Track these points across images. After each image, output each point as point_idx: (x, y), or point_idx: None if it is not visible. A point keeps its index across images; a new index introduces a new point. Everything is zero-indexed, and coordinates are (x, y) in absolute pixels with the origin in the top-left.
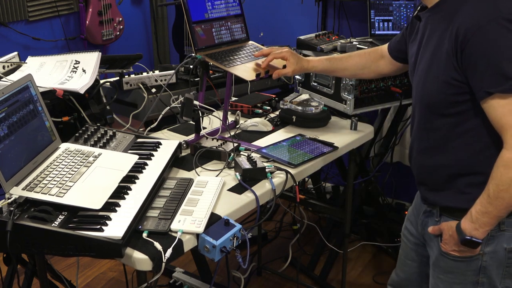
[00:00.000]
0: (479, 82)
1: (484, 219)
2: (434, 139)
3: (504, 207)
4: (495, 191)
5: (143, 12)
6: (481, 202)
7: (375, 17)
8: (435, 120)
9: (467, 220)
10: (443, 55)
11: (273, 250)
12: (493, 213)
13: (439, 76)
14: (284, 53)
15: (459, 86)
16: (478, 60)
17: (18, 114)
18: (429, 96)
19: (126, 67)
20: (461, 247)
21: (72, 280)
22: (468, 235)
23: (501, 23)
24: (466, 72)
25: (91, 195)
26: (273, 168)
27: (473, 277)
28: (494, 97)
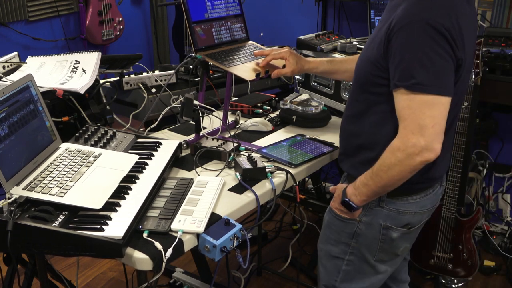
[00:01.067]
0: (393, 73)
1: (363, 189)
2: (356, 109)
3: (381, 185)
4: (377, 169)
5: (143, 12)
6: (365, 175)
7: (375, 17)
8: (361, 95)
9: (351, 186)
10: (378, 39)
11: (273, 250)
12: (371, 187)
13: (371, 56)
14: (283, 53)
15: (382, 71)
16: (396, 53)
17: (18, 114)
18: (360, 71)
19: (126, 67)
20: (342, 207)
21: (72, 280)
22: (347, 198)
23: (423, 27)
24: (387, 60)
25: (91, 195)
26: (273, 168)
27: (346, 239)
28: (400, 90)
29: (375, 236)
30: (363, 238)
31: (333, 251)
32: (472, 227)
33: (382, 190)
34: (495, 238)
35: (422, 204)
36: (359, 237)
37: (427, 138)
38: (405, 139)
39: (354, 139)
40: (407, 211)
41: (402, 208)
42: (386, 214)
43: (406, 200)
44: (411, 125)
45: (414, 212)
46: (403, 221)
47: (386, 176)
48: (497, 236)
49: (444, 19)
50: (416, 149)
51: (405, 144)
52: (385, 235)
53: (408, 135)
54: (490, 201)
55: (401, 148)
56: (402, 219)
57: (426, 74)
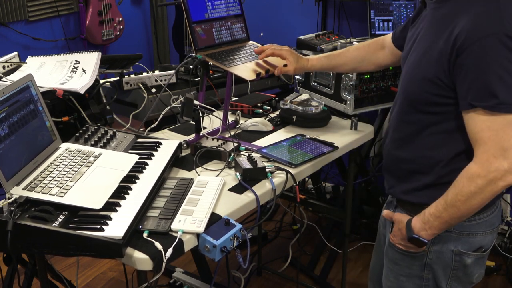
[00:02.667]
0: (465, 92)
1: (435, 223)
2: (408, 132)
3: (457, 216)
4: (453, 200)
5: (143, 12)
6: (437, 206)
7: (375, 17)
8: (413, 115)
9: (418, 219)
10: (436, 54)
11: (273, 250)
12: (445, 219)
13: (427, 73)
14: (283, 51)
15: (444, 89)
16: (470, 70)
17: (18, 114)
18: (412, 90)
19: (126, 67)
20: (407, 243)
21: (72, 280)
22: (416, 234)
23: (502, 39)
24: (455, 78)
25: (91, 195)
26: (274, 168)
27: (419, 272)
28: (477, 111)
29: (448, 264)
30: (435, 267)
31: (407, 286)
32: None
33: (457, 221)
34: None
35: (491, 222)
36: (431, 267)
37: (510, 160)
38: (486, 164)
39: (406, 164)
40: (478, 232)
41: (472, 229)
42: (455, 238)
43: (474, 220)
44: (493, 148)
45: (485, 232)
46: (475, 244)
47: (465, 206)
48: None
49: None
50: (499, 173)
51: (486, 170)
52: (458, 261)
53: (489, 159)
54: None
55: (482, 174)
56: (473, 241)
57: (508, 92)
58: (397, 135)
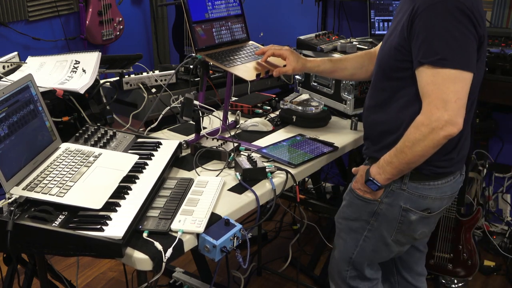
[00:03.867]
0: (416, 52)
1: (387, 168)
2: (380, 98)
3: (405, 162)
4: (402, 146)
5: (143, 12)
6: (390, 153)
7: (375, 17)
8: (383, 82)
9: (375, 166)
10: (400, 26)
11: (273, 250)
12: (395, 164)
13: (393, 42)
14: (283, 51)
15: (405, 54)
16: (420, 33)
17: (18, 114)
18: (383, 59)
19: (126, 67)
20: (365, 187)
21: (72, 280)
22: (372, 177)
23: (447, 6)
24: (411, 42)
25: (91, 195)
26: (273, 168)
27: (367, 217)
28: (424, 67)
29: (395, 217)
30: (383, 217)
31: (353, 226)
32: (472, 227)
33: (406, 167)
34: (495, 238)
35: (442, 190)
36: (379, 216)
37: (450, 112)
38: (429, 114)
39: (379, 126)
40: (428, 195)
41: (424, 192)
42: (407, 197)
43: (427, 185)
44: (435, 100)
45: (434, 197)
46: (423, 205)
47: (411, 152)
48: (497, 236)
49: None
50: (439, 123)
51: (429, 119)
52: (404, 216)
53: (432, 110)
54: (490, 201)
55: (425, 123)
56: (422, 203)
57: (450, 50)
58: (373, 102)
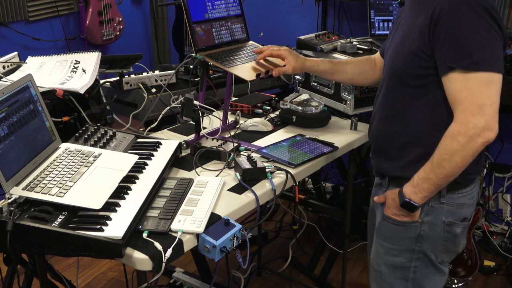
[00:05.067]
0: (443, 57)
1: (424, 185)
2: (396, 108)
3: (444, 175)
4: (438, 160)
5: (143, 12)
6: (424, 169)
7: (375, 17)
8: (399, 90)
9: (409, 185)
10: (416, 30)
11: (273, 250)
12: (433, 180)
13: (410, 48)
14: (282, 51)
15: (426, 60)
16: (446, 36)
17: (18, 114)
18: (398, 66)
19: (126, 67)
20: (401, 211)
21: (72, 280)
22: (407, 198)
23: (473, 7)
24: (434, 46)
25: (91, 195)
26: (273, 168)
27: (410, 245)
28: (454, 72)
29: (440, 234)
30: (427, 239)
31: (397, 262)
32: (472, 227)
33: (445, 181)
34: (495, 238)
35: (472, 195)
36: (423, 239)
37: (486, 117)
38: (465, 122)
39: (398, 138)
40: (464, 204)
41: (460, 201)
42: (447, 210)
43: (462, 193)
44: (470, 106)
45: (469, 204)
46: (462, 214)
47: (449, 164)
48: (497, 236)
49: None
50: (477, 130)
51: (465, 127)
52: (449, 232)
53: (467, 117)
54: (490, 201)
55: (462, 131)
56: (461, 213)
57: (480, 52)
58: (386, 113)
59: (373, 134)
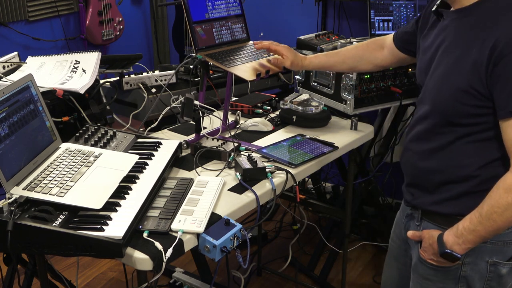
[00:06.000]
0: (505, 101)
1: (469, 237)
2: (438, 143)
3: (494, 229)
4: (489, 212)
5: (143, 12)
6: (471, 219)
7: (375, 17)
8: (444, 127)
9: (451, 233)
10: (468, 64)
11: (273, 250)
12: (481, 233)
13: (459, 84)
14: (280, 47)
15: (479, 99)
16: (509, 78)
17: (18, 114)
18: (443, 102)
19: (126, 67)
20: (440, 258)
21: (72, 280)
22: (449, 249)
23: None
24: (492, 86)
25: (91, 195)
26: (274, 168)
27: (453, 285)
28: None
29: (483, 275)
30: (470, 279)
31: None
32: None
33: (493, 234)
34: None
35: None
36: (465, 280)
37: None
38: None
39: (435, 175)
40: (511, 240)
41: (506, 238)
42: (491, 249)
43: (507, 229)
44: None
45: None
46: (509, 253)
47: (501, 218)
48: None
49: None
50: None
51: None
52: (493, 272)
53: None
54: None
55: None
56: (508, 251)
57: None
58: (425, 147)
59: (408, 166)
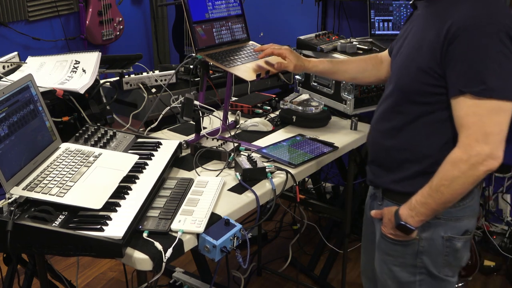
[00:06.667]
0: (455, 79)
1: (421, 209)
2: (399, 122)
3: (442, 202)
4: (437, 185)
5: (143, 12)
6: (422, 193)
7: (375, 17)
8: (406, 105)
9: (405, 207)
10: (427, 45)
11: (273, 250)
12: (431, 205)
13: (419, 64)
14: (283, 50)
15: (436, 78)
16: (460, 58)
17: (18, 114)
18: (405, 81)
19: (126, 67)
20: (397, 231)
21: (72, 280)
22: (403, 221)
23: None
24: (446, 66)
25: (91, 195)
26: (273, 168)
27: (411, 260)
28: (465, 97)
29: (439, 250)
30: (427, 254)
31: (402, 277)
32: None
33: (443, 207)
34: (495, 238)
35: (473, 207)
36: (423, 255)
37: (491, 145)
38: (468, 148)
39: (397, 153)
40: (463, 216)
41: (459, 214)
42: (444, 224)
43: (460, 205)
44: (476, 133)
45: (469, 216)
46: (462, 228)
47: (448, 190)
48: (497, 236)
49: (507, 20)
50: (480, 158)
51: (468, 154)
52: (449, 247)
53: (471, 143)
54: (490, 201)
55: (464, 158)
56: (461, 226)
57: (497, 79)
58: (388, 126)
59: (371, 143)
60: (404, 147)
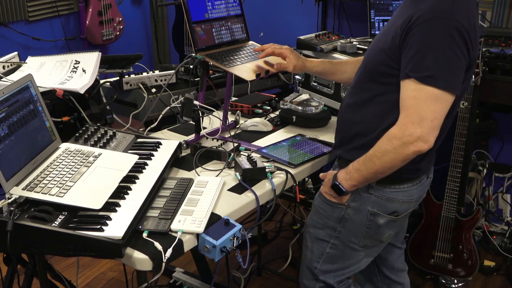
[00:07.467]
0: (405, 64)
1: (355, 175)
2: (360, 98)
3: (373, 171)
4: (371, 155)
5: (143, 12)
6: (358, 161)
7: (375, 17)
8: (367, 83)
9: (343, 171)
10: (393, 31)
11: (273, 250)
12: (363, 173)
13: (383, 46)
14: (283, 50)
15: (394, 61)
16: (413, 45)
17: (18, 114)
18: (370, 61)
19: (126, 67)
20: (331, 192)
21: (72, 280)
22: (338, 182)
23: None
24: (402, 51)
25: (91, 195)
26: (273, 168)
27: (333, 223)
28: (409, 80)
29: (362, 221)
30: (350, 223)
31: (319, 234)
32: (472, 227)
33: (373, 176)
34: (495, 238)
35: (409, 194)
36: (346, 222)
37: (424, 129)
38: (403, 127)
39: (353, 127)
40: (395, 199)
41: (390, 195)
42: (374, 200)
43: (394, 188)
44: (412, 115)
45: (401, 201)
46: (390, 208)
47: (379, 162)
48: (497, 236)
49: (464, 20)
50: (411, 138)
51: (402, 132)
52: (372, 221)
53: (407, 123)
54: (490, 201)
55: (398, 135)
56: (389, 206)
57: (440, 70)
58: (352, 101)
59: (338, 116)
60: (359, 121)
